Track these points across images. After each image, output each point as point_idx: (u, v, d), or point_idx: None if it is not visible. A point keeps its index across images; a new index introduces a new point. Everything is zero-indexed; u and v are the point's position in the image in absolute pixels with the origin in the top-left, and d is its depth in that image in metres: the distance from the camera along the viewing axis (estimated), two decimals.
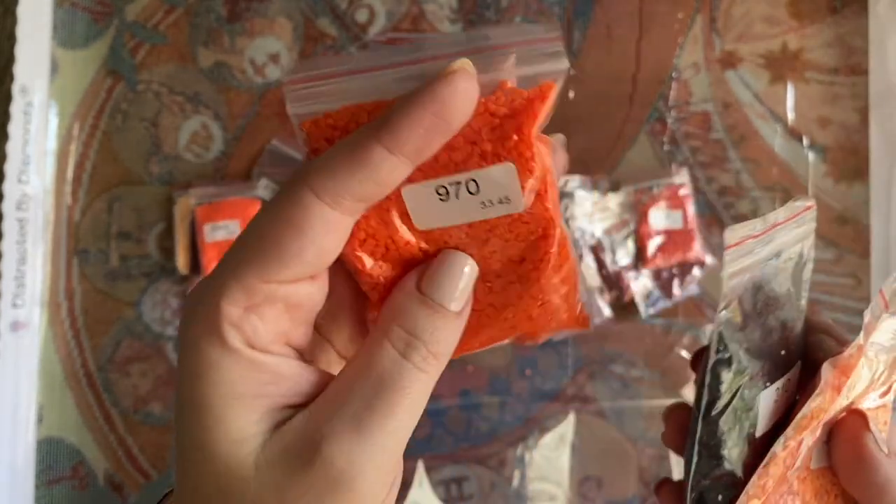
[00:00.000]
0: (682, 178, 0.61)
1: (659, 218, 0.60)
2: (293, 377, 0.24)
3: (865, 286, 0.61)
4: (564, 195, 0.59)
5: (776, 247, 0.28)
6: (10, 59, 0.58)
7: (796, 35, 0.63)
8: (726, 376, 0.27)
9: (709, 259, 0.60)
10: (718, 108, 0.62)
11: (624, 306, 0.61)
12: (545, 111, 0.23)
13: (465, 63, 0.22)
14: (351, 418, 0.22)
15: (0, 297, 0.57)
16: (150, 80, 0.62)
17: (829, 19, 0.63)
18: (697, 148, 0.62)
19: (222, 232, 0.58)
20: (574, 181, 0.60)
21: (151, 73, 0.62)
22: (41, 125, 0.59)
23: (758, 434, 0.28)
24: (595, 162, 0.62)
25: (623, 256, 0.60)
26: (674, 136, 0.62)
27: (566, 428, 0.60)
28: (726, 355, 0.27)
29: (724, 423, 0.27)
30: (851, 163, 0.62)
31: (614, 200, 0.61)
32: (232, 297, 0.22)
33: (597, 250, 0.60)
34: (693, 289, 0.61)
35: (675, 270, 0.60)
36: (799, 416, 0.28)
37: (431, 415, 0.60)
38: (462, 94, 0.22)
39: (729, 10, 0.63)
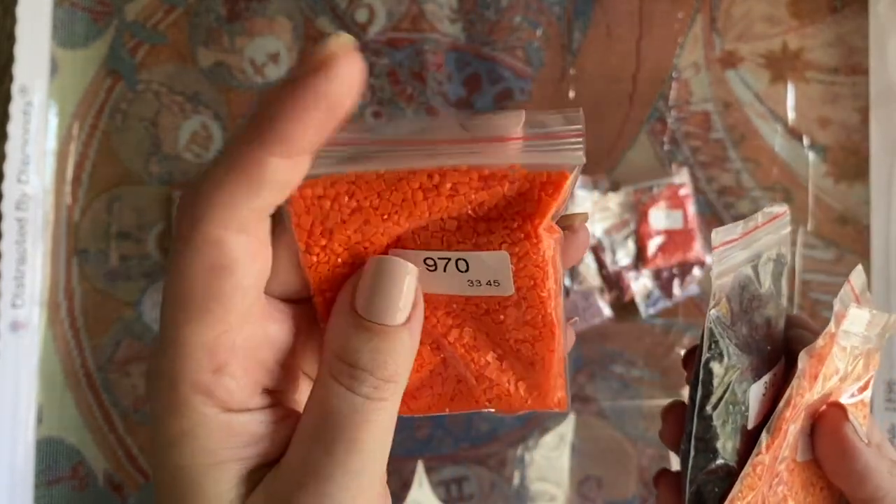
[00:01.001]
0: (682, 177, 0.61)
1: (659, 218, 0.60)
2: (269, 434, 0.23)
3: (865, 286, 0.61)
4: None
5: (756, 249, 0.30)
6: (9, 59, 0.58)
7: (797, 35, 0.63)
8: (718, 371, 0.28)
9: (709, 259, 0.60)
10: (719, 107, 0.62)
11: (624, 306, 0.61)
12: (557, 203, 0.22)
13: (341, 39, 0.20)
14: (314, 470, 0.21)
15: (0, 297, 0.57)
16: (150, 80, 0.61)
17: (829, 19, 0.63)
18: (697, 148, 0.62)
19: None
20: None
21: (151, 72, 0.61)
22: (41, 125, 0.59)
23: (749, 427, 0.29)
24: (595, 161, 0.62)
25: (623, 256, 0.60)
26: (674, 136, 0.62)
27: (566, 428, 0.60)
28: (717, 351, 0.28)
29: (718, 417, 0.28)
30: (852, 163, 0.62)
31: (614, 200, 0.61)
32: (197, 362, 0.21)
33: (597, 250, 0.60)
34: (693, 289, 0.61)
35: (675, 270, 0.60)
36: (781, 403, 0.29)
37: (431, 415, 0.60)
38: (348, 81, 0.20)
39: (729, 9, 0.63)
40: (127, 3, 0.61)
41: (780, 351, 0.32)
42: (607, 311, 0.60)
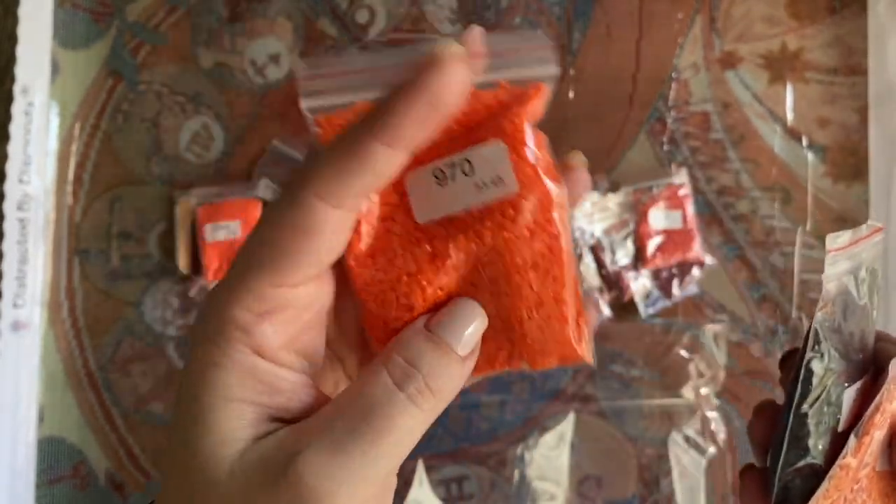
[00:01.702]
0: (681, 177, 0.61)
1: (658, 218, 0.60)
2: (289, 391, 0.24)
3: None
4: None
5: (858, 260, 0.31)
6: (10, 60, 0.58)
7: (796, 35, 0.63)
8: (818, 371, 0.29)
9: (708, 259, 0.61)
10: (718, 108, 0.62)
11: (623, 306, 0.61)
12: (537, 105, 0.24)
13: (455, 48, 0.22)
14: (331, 439, 0.22)
15: (1, 296, 0.57)
16: (151, 81, 0.62)
17: (828, 19, 0.63)
18: (697, 148, 0.62)
19: (223, 232, 0.58)
20: None
21: (152, 73, 0.62)
22: (42, 125, 0.59)
23: (840, 429, 0.31)
24: (594, 162, 0.62)
25: (622, 256, 0.60)
26: (673, 136, 0.62)
27: (566, 427, 0.60)
28: (820, 352, 0.29)
29: (813, 416, 0.29)
30: (851, 163, 0.62)
31: (614, 200, 0.61)
32: (244, 303, 0.22)
33: (596, 250, 0.60)
34: (692, 289, 0.61)
35: (674, 270, 0.60)
36: (870, 408, 0.30)
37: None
38: (455, 83, 0.21)
39: (729, 10, 0.63)
40: (128, 3, 0.62)
41: (869, 363, 0.33)
42: (607, 311, 0.60)
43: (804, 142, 0.62)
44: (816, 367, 0.29)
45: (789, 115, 0.62)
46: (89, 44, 0.62)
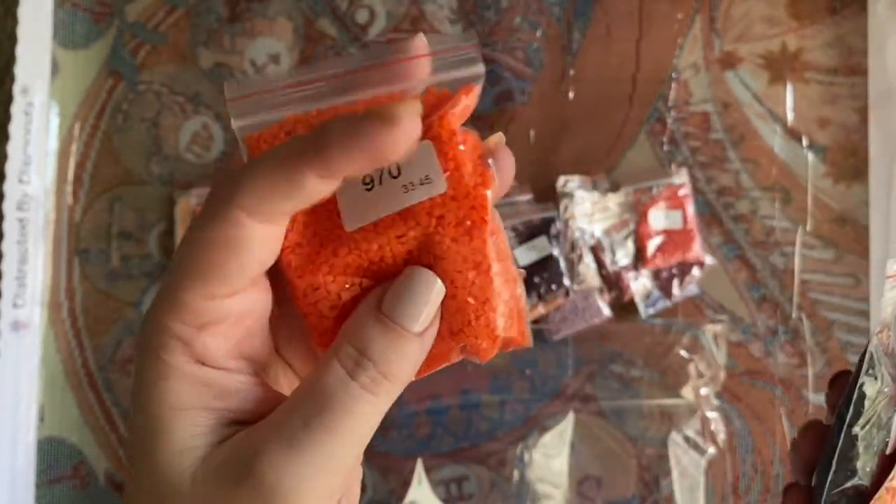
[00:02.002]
0: (681, 178, 0.61)
1: (658, 218, 0.60)
2: (241, 393, 0.24)
3: (864, 286, 0.61)
4: (564, 195, 0.60)
5: None
6: (10, 60, 0.58)
7: (796, 35, 0.63)
8: (871, 394, 0.30)
9: (708, 259, 0.61)
10: (718, 108, 0.62)
11: (623, 306, 0.61)
12: (467, 104, 0.24)
13: (413, 108, 0.22)
14: (287, 436, 0.22)
15: (1, 296, 0.57)
16: (151, 81, 0.62)
17: (828, 20, 0.63)
18: (697, 148, 0.62)
19: None
20: (574, 181, 0.60)
21: (152, 73, 0.62)
22: (42, 125, 0.59)
23: (888, 452, 0.31)
24: (594, 162, 0.62)
25: (623, 256, 0.60)
26: (673, 137, 0.62)
27: (566, 427, 0.60)
28: (874, 374, 0.30)
29: (863, 438, 0.30)
30: (851, 163, 0.62)
31: (614, 200, 0.61)
32: (181, 317, 0.23)
33: (596, 250, 0.60)
34: (692, 289, 0.61)
35: (674, 270, 0.60)
36: None
37: (431, 414, 0.60)
38: (403, 143, 0.22)
39: (728, 10, 0.63)
40: (128, 3, 0.62)
41: None
42: (607, 311, 0.60)
43: (804, 142, 0.62)
44: (869, 390, 0.30)
45: (789, 116, 0.62)
46: (89, 44, 0.62)
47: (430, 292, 0.24)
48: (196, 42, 0.62)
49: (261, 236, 0.22)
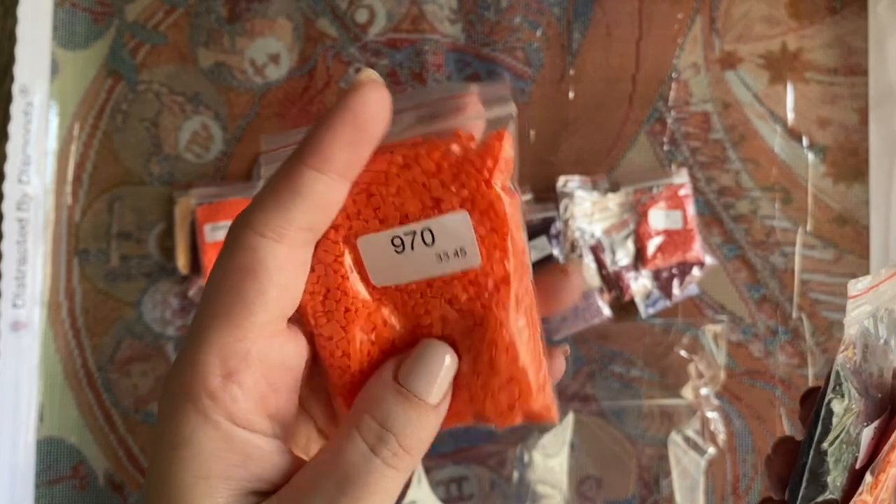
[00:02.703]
0: (681, 178, 0.61)
1: (658, 218, 0.60)
2: (264, 459, 0.23)
3: None
4: (564, 195, 0.60)
5: (878, 302, 0.32)
6: (10, 60, 0.58)
7: (796, 35, 0.63)
8: (838, 411, 0.31)
9: (708, 259, 0.61)
10: (718, 108, 0.62)
11: (623, 306, 0.61)
12: (503, 158, 0.23)
13: (369, 73, 0.22)
14: None
15: (0, 296, 0.57)
16: (151, 81, 0.62)
17: (828, 20, 0.63)
18: (697, 148, 0.62)
19: (223, 232, 0.58)
20: (574, 181, 0.60)
21: (152, 73, 0.62)
22: (41, 125, 0.59)
23: (857, 466, 0.32)
24: (595, 162, 0.62)
25: (623, 256, 0.60)
26: (673, 137, 0.62)
27: (566, 427, 0.60)
28: (841, 393, 0.31)
29: (832, 454, 0.31)
30: (851, 163, 0.62)
31: (614, 200, 0.61)
32: (209, 366, 0.22)
33: (596, 250, 0.60)
34: (692, 289, 0.61)
35: (674, 270, 0.60)
36: (886, 447, 0.31)
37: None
38: (374, 101, 0.22)
39: (728, 10, 0.63)
40: (127, 3, 0.62)
41: (888, 399, 0.34)
42: (607, 311, 0.60)
43: (804, 142, 0.62)
44: (836, 407, 0.30)
45: (789, 116, 0.62)
46: (89, 44, 0.62)
47: (444, 364, 0.24)
48: (196, 42, 0.62)
49: (278, 257, 0.22)
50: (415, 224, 0.23)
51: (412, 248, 0.23)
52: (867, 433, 0.32)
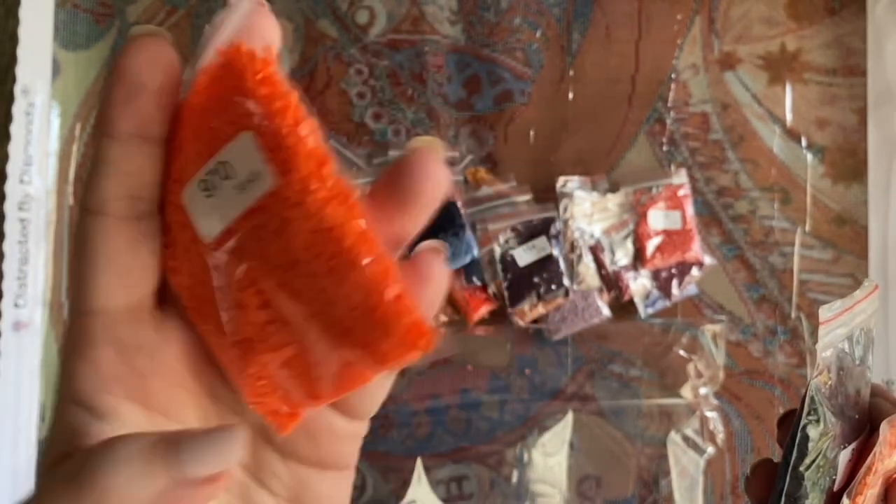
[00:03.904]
0: (680, 178, 0.61)
1: (658, 218, 0.60)
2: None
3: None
4: (564, 196, 0.60)
5: (853, 324, 0.32)
6: (12, 61, 0.59)
7: (795, 36, 0.63)
8: (814, 436, 0.31)
9: (707, 259, 0.61)
10: (717, 108, 0.63)
11: (623, 306, 0.61)
12: (267, 66, 0.21)
13: (146, 27, 0.21)
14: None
15: (2, 296, 0.57)
16: None
17: (827, 20, 0.63)
18: (696, 148, 0.62)
19: None
20: (573, 182, 0.60)
21: None
22: (43, 126, 0.59)
23: (835, 489, 0.32)
24: (594, 162, 0.62)
25: (622, 257, 0.60)
26: (673, 137, 0.62)
27: (565, 427, 0.60)
28: (816, 417, 0.31)
29: (809, 478, 0.31)
30: (849, 163, 0.62)
31: (613, 201, 0.61)
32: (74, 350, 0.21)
33: (596, 250, 0.60)
34: (691, 289, 0.61)
35: (673, 271, 0.61)
36: (862, 469, 0.31)
37: (431, 414, 0.60)
38: (142, 53, 0.21)
39: (728, 11, 0.63)
40: (128, 4, 0.62)
41: (866, 419, 0.34)
42: (606, 311, 0.60)
43: (803, 142, 0.62)
44: (812, 432, 0.31)
45: (788, 116, 0.63)
46: (90, 44, 0.62)
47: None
48: (197, 42, 0.62)
49: (108, 234, 0.21)
50: (211, 161, 0.21)
51: (218, 187, 0.21)
52: (844, 455, 0.32)
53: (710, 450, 0.60)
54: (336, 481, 0.24)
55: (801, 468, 0.31)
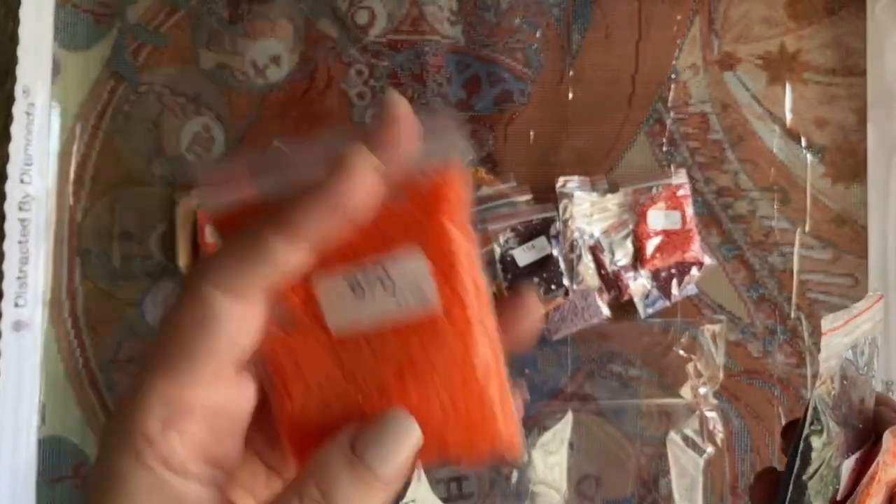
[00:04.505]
0: (680, 178, 0.61)
1: (657, 218, 0.60)
2: None
3: (863, 286, 0.62)
4: (563, 196, 0.60)
5: (857, 334, 0.32)
6: (12, 61, 0.59)
7: (794, 36, 0.63)
8: (817, 445, 0.31)
9: (707, 259, 0.61)
10: (717, 108, 0.63)
11: (622, 306, 0.61)
12: (455, 195, 0.22)
13: (365, 154, 0.21)
14: None
15: (2, 296, 0.57)
16: (152, 82, 0.62)
17: (826, 20, 0.63)
18: (696, 149, 0.62)
19: None
20: (573, 182, 0.60)
21: (153, 74, 0.62)
22: (43, 126, 0.59)
23: (839, 498, 0.32)
24: (594, 163, 0.62)
25: (622, 257, 0.60)
26: (672, 137, 0.62)
27: (565, 427, 0.61)
28: (819, 427, 0.31)
29: (812, 487, 0.31)
30: (849, 164, 0.62)
31: (613, 201, 0.61)
32: (150, 410, 0.21)
33: (595, 251, 0.60)
34: (691, 289, 0.61)
35: (673, 271, 0.61)
36: (865, 478, 0.31)
37: None
38: (360, 191, 0.21)
39: (727, 11, 0.63)
40: (129, 5, 0.62)
41: (870, 428, 0.34)
42: (606, 311, 0.60)
43: (803, 142, 0.63)
44: (815, 441, 0.31)
45: (788, 116, 0.63)
46: (90, 45, 0.62)
47: (410, 441, 0.22)
48: (197, 43, 0.62)
49: (234, 315, 0.21)
50: (370, 264, 0.22)
51: (372, 294, 0.22)
52: (848, 464, 0.32)
53: (710, 449, 0.60)
54: None
55: (805, 477, 0.31)
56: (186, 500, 0.22)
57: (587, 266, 0.60)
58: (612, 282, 0.60)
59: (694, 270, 0.61)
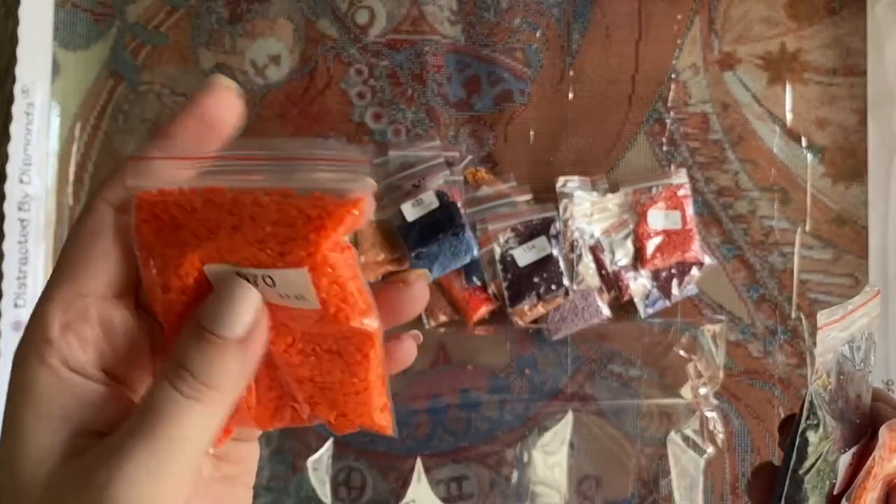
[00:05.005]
0: (680, 178, 0.61)
1: (658, 218, 0.60)
2: (98, 405, 0.24)
3: (863, 286, 0.62)
4: (563, 196, 0.60)
5: (853, 329, 0.32)
6: (11, 60, 0.59)
7: (794, 36, 0.63)
8: (814, 440, 0.31)
9: (707, 259, 0.61)
10: (717, 108, 0.63)
11: (623, 306, 0.61)
12: (352, 220, 0.23)
13: (227, 82, 0.25)
14: (119, 445, 0.23)
15: (2, 296, 0.57)
16: (152, 81, 0.62)
17: (827, 20, 0.63)
18: (696, 149, 0.62)
19: None
20: (573, 182, 0.60)
21: (153, 73, 0.62)
22: (43, 126, 0.59)
23: (835, 493, 0.32)
24: (594, 162, 0.62)
25: (622, 257, 0.60)
26: (672, 137, 0.62)
27: (565, 427, 0.60)
28: (815, 421, 0.31)
29: (809, 481, 0.31)
30: (849, 163, 0.62)
31: (613, 201, 0.61)
32: (50, 315, 0.24)
33: (596, 251, 0.60)
34: (691, 289, 0.61)
35: (673, 271, 0.61)
36: (862, 473, 0.32)
37: (431, 414, 0.60)
38: (219, 101, 0.25)
39: (727, 11, 0.63)
40: (128, 4, 0.62)
41: (867, 423, 0.34)
42: (606, 311, 0.60)
43: (803, 142, 0.62)
44: (812, 436, 0.31)
45: (788, 116, 0.63)
46: (90, 44, 0.62)
47: (245, 301, 0.24)
48: (197, 43, 0.62)
49: (120, 225, 0.24)
50: (257, 270, 0.24)
51: (256, 284, 0.24)
52: (845, 459, 0.32)
53: (710, 450, 0.60)
54: (249, 446, 0.30)
55: (801, 472, 0.31)
56: (87, 398, 0.24)
57: (587, 266, 0.60)
58: (612, 282, 0.60)
59: (694, 270, 0.61)
